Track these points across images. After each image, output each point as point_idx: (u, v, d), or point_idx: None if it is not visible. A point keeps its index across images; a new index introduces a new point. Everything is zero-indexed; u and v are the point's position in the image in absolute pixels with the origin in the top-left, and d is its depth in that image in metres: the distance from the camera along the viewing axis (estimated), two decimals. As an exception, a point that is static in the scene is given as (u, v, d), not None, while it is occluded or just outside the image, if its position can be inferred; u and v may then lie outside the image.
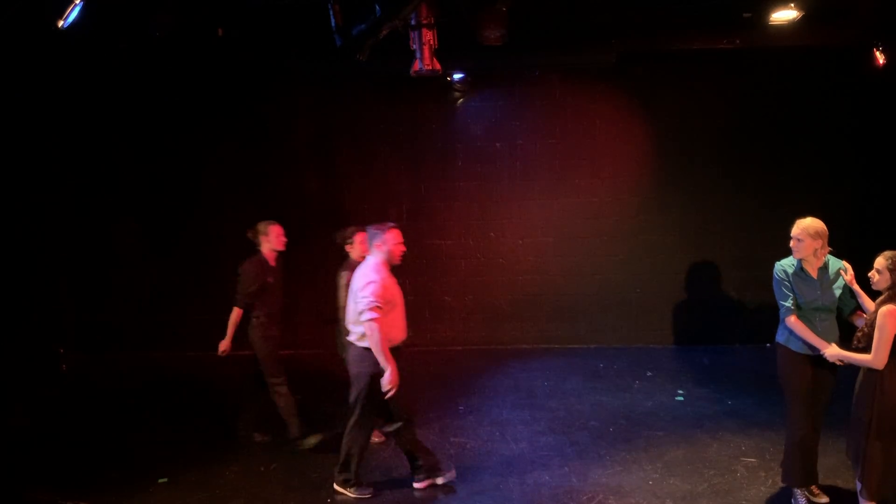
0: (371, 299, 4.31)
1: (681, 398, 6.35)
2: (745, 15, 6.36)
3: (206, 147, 8.15)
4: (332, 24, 5.48)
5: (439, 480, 4.70)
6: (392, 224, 4.71)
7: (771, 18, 6.20)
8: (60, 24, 4.88)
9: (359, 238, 5.23)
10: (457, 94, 8.02)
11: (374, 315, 4.30)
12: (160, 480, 4.92)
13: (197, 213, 8.22)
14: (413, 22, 5.33)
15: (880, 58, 6.65)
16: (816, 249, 4.16)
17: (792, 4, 5.94)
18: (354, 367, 4.56)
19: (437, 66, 5.51)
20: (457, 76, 7.69)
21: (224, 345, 5.46)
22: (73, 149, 8.11)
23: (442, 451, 5.32)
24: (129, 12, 5.63)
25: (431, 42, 5.41)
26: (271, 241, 5.54)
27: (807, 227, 4.18)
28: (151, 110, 8.06)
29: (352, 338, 4.56)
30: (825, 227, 4.19)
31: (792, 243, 4.23)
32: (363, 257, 4.89)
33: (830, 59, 7.37)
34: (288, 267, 8.20)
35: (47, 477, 5.05)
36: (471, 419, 5.96)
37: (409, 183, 8.12)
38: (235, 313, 5.44)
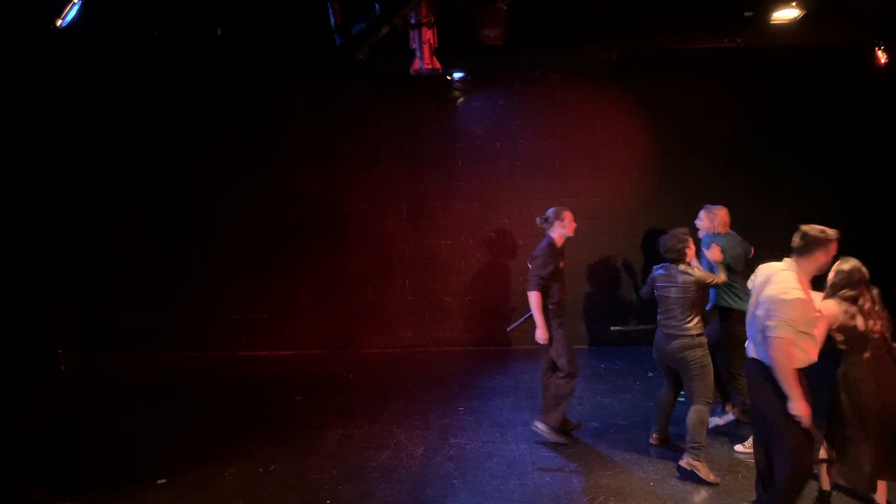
0: (790, 318, 3.66)
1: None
2: (747, 14, 6.35)
3: (205, 147, 8.14)
4: (332, 23, 5.47)
5: None
6: (836, 231, 3.86)
7: (772, 17, 6.19)
8: (59, 22, 4.86)
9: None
10: (457, 93, 8.00)
11: (785, 336, 3.67)
12: (159, 481, 4.91)
13: (197, 212, 8.21)
14: (413, 21, 5.32)
15: (882, 57, 6.63)
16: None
17: (793, 3, 5.92)
18: (763, 394, 3.87)
19: (437, 65, 5.49)
20: (457, 75, 7.68)
21: (543, 333, 5.24)
22: (71, 148, 8.09)
23: (442, 452, 5.31)
24: (128, 11, 5.61)
25: (431, 41, 5.39)
26: (565, 226, 5.45)
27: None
28: (150, 110, 8.05)
29: (754, 354, 3.93)
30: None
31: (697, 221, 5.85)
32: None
33: (832, 59, 7.35)
34: (288, 267, 8.25)
35: (47, 477, 5.04)
36: (471, 420, 5.95)
37: (409, 183, 8.10)
38: (536, 297, 5.24)
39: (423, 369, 7.45)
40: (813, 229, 3.85)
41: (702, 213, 5.93)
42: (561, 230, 5.43)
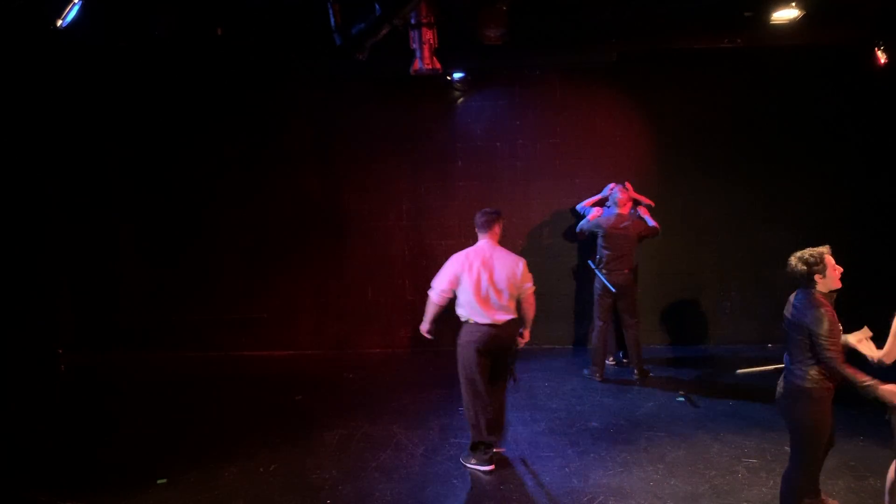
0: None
1: (681, 399, 6.34)
2: (747, 14, 6.35)
3: (205, 146, 8.13)
4: (332, 23, 5.48)
5: None
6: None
7: (772, 18, 6.19)
8: (59, 23, 4.87)
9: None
10: (457, 93, 8.00)
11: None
12: (159, 481, 4.91)
13: (196, 212, 8.20)
14: (413, 21, 5.33)
15: (881, 57, 6.63)
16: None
17: (793, 3, 5.93)
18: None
19: (437, 66, 5.50)
20: (457, 75, 7.68)
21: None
22: (72, 148, 8.09)
23: (442, 452, 5.32)
24: (129, 11, 5.62)
25: (431, 41, 5.40)
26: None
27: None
28: (151, 110, 8.03)
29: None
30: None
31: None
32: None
33: (831, 59, 7.36)
34: (288, 267, 8.25)
35: (46, 477, 5.04)
36: (471, 420, 5.94)
37: (409, 183, 8.10)
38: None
39: (423, 369, 7.45)
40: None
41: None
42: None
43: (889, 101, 7.36)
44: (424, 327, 5.32)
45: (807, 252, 3.82)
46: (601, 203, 7.25)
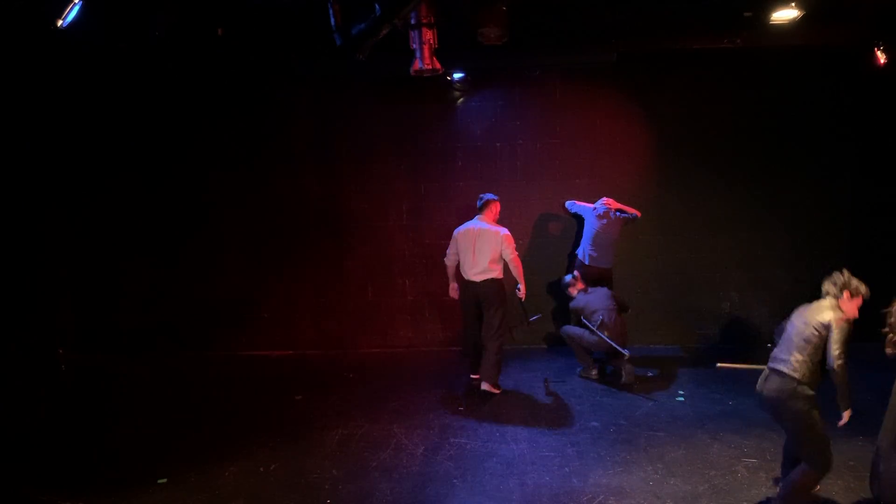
0: None
1: (681, 399, 6.35)
2: (746, 14, 6.36)
3: (205, 146, 8.14)
4: (332, 23, 5.49)
5: None
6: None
7: (772, 18, 6.21)
8: (59, 23, 4.87)
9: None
10: (457, 93, 8.00)
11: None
12: (160, 481, 4.92)
13: (196, 212, 8.21)
14: (413, 21, 5.34)
15: (881, 57, 6.64)
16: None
17: (793, 4, 5.94)
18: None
19: (437, 66, 5.51)
20: (457, 76, 7.68)
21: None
22: (72, 149, 8.09)
23: (442, 451, 5.32)
24: (129, 12, 5.62)
25: (431, 41, 5.41)
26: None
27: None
28: (151, 110, 8.04)
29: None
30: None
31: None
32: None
33: (831, 59, 7.37)
34: (288, 267, 8.26)
35: (47, 477, 5.04)
36: (471, 419, 5.95)
37: (409, 183, 8.10)
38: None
39: (423, 369, 7.45)
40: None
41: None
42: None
43: (889, 101, 7.36)
44: (450, 286, 6.72)
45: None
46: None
